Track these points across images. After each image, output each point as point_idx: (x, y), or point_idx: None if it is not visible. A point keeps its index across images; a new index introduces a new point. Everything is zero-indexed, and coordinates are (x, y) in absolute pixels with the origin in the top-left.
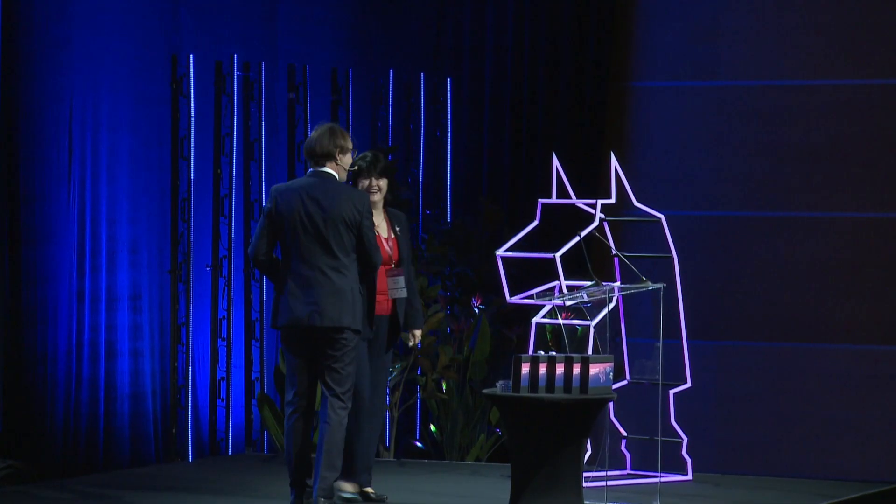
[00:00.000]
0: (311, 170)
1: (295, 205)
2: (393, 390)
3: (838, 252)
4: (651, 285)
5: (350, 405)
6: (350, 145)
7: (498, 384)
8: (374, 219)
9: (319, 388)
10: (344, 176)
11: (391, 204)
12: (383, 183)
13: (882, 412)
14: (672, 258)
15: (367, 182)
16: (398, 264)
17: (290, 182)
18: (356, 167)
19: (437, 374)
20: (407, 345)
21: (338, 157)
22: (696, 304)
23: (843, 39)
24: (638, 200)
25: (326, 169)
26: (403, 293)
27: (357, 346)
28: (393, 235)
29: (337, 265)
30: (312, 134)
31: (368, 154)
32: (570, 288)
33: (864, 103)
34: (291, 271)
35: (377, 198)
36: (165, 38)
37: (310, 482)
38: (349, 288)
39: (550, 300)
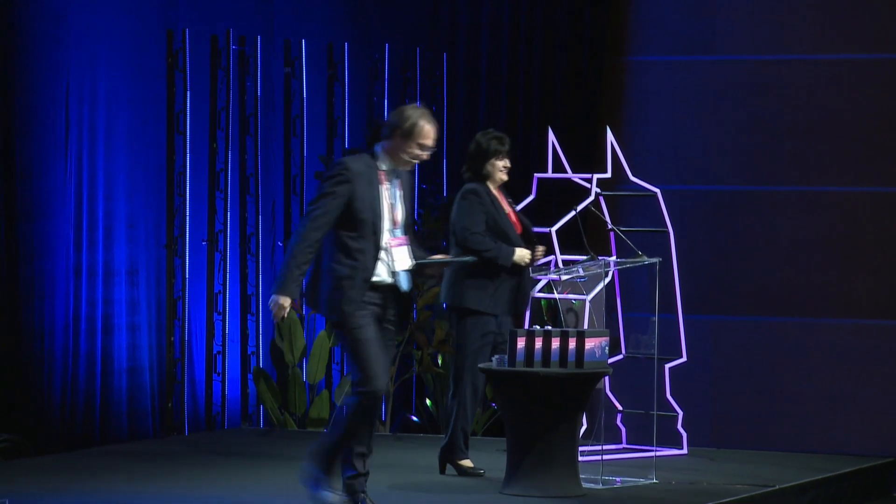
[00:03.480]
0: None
1: None
2: None
3: (835, 227)
4: (647, 260)
5: None
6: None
7: (494, 359)
8: (496, 193)
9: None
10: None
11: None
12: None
13: (878, 387)
14: (668, 233)
15: (501, 163)
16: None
17: None
18: (491, 148)
19: (433, 348)
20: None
21: None
22: (691, 278)
23: (839, 14)
24: (634, 175)
25: None
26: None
27: None
28: (511, 210)
29: None
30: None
31: (499, 134)
32: (566, 262)
33: (861, 78)
34: None
35: (506, 178)
36: (161, 12)
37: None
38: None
39: (546, 274)
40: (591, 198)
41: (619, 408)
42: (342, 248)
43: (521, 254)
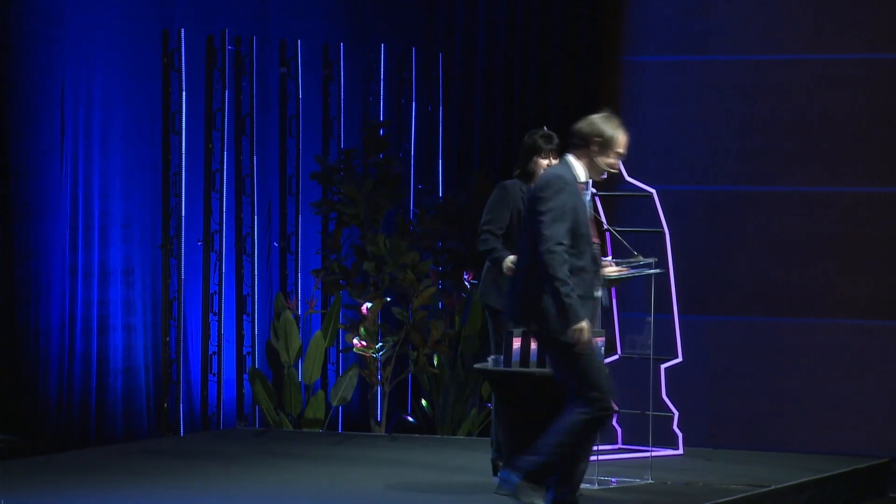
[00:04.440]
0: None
1: None
2: (384, 365)
3: (832, 227)
4: (643, 260)
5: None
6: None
7: (489, 359)
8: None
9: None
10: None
11: (389, 177)
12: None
13: (874, 387)
14: (664, 233)
15: (545, 161)
16: None
17: None
18: (536, 145)
19: (429, 348)
20: None
21: None
22: (687, 278)
23: (835, 13)
24: (630, 175)
25: None
26: None
27: None
28: None
29: None
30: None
31: (548, 133)
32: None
33: (858, 77)
34: None
35: None
36: (157, 12)
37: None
38: None
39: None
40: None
41: (615, 408)
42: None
43: (508, 262)
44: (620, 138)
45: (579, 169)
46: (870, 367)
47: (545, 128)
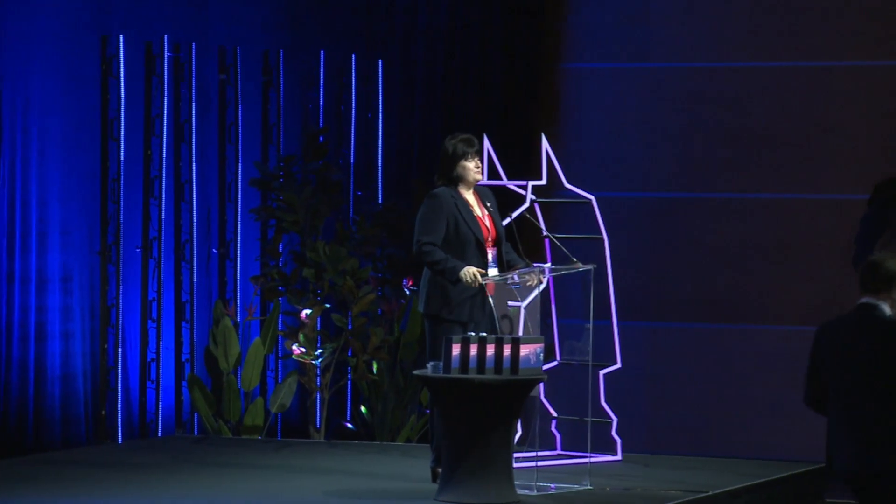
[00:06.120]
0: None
1: None
2: (323, 371)
3: (768, 233)
4: (582, 266)
5: None
6: None
7: (429, 365)
8: (466, 197)
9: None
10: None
11: (328, 184)
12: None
13: None
14: (602, 239)
15: (472, 164)
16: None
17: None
18: (459, 150)
19: (368, 355)
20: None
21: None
22: (626, 285)
23: (773, 22)
24: (569, 182)
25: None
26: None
27: None
28: (487, 213)
29: None
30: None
31: (467, 136)
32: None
33: (795, 85)
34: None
35: (480, 177)
36: (95, 19)
37: None
38: None
39: (486, 281)
40: (527, 205)
41: (554, 414)
42: None
43: (469, 272)
44: None
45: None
46: (804, 373)
47: (458, 133)
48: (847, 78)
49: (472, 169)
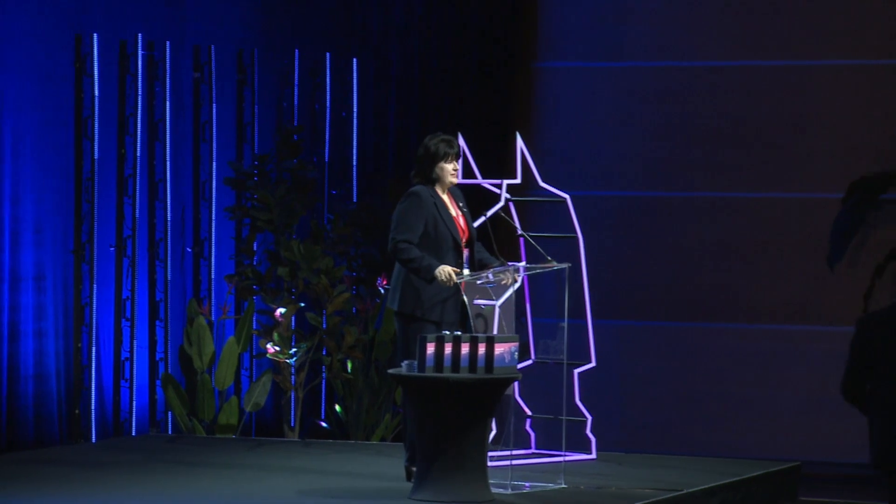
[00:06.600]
0: None
1: None
2: (298, 370)
3: (741, 232)
4: (556, 265)
5: None
6: None
7: (403, 364)
8: (443, 197)
9: None
10: None
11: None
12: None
13: (785, 391)
14: (577, 238)
15: (451, 166)
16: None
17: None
18: (440, 151)
19: (343, 354)
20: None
21: None
22: (600, 284)
23: (744, 21)
24: (543, 180)
25: None
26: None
27: None
28: (461, 213)
29: None
30: None
31: (448, 137)
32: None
33: (767, 84)
34: None
35: (457, 180)
36: (70, 17)
37: None
38: None
39: (461, 279)
40: (501, 203)
41: (529, 413)
42: None
43: (444, 271)
44: None
45: None
46: (780, 371)
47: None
48: (822, 77)
49: (450, 171)
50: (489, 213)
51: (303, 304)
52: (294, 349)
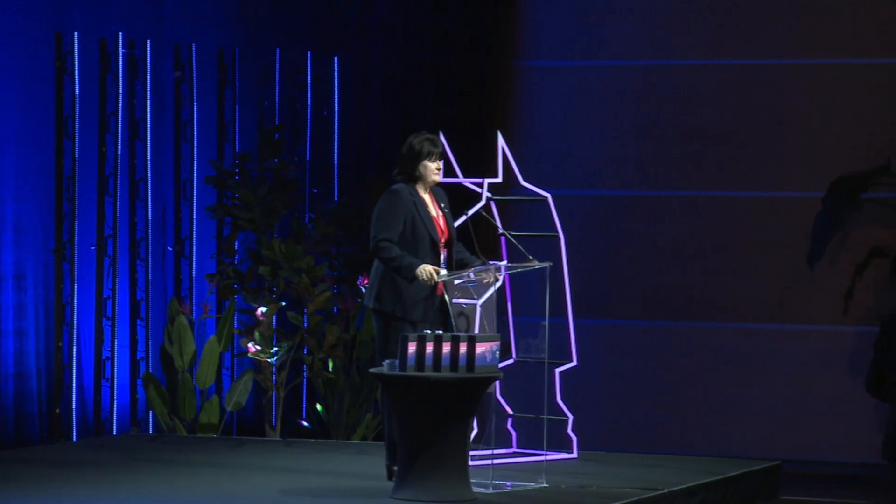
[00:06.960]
0: None
1: None
2: (279, 370)
3: (724, 231)
4: (538, 264)
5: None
6: None
7: (385, 363)
8: (423, 196)
9: None
10: None
11: (284, 182)
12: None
13: (765, 389)
14: (558, 237)
15: (434, 165)
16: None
17: None
18: (424, 150)
19: (324, 353)
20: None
21: None
22: (581, 282)
23: (724, 20)
24: (525, 179)
25: None
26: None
27: None
28: (442, 213)
29: None
30: None
31: (432, 136)
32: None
33: (746, 83)
34: None
35: (439, 179)
36: (51, 15)
37: None
38: None
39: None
40: (483, 202)
41: (510, 412)
42: None
43: (425, 270)
44: None
45: None
46: (760, 370)
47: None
48: (802, 76)
49: (434, 170)
50: (470, 212)
51: (284, 304)
52: (275, 348)
